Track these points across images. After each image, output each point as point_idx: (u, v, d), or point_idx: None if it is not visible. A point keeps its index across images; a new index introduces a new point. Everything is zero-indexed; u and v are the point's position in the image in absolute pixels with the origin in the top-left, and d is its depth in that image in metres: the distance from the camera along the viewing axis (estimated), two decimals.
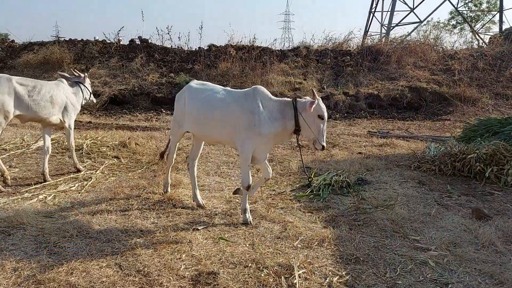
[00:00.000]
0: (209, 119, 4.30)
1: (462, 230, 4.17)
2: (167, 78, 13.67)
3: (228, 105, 4.25)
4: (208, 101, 4.34)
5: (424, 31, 20.10)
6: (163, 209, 4.52)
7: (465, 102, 13.20)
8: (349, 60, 15.24)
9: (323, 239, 3.85)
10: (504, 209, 4.95)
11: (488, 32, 28.17)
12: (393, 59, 15.21)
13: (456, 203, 5.06)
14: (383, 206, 4.79)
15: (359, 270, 3.33)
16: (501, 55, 15.76)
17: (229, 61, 14.44)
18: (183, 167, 6.15)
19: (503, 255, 3.66)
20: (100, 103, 12.05)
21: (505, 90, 14.20)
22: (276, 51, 15.80)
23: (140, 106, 12.47)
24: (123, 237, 3.82)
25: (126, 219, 4.25)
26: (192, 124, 4.48)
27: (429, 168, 6.46)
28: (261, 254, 3.53)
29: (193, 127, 4.49)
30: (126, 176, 5.72)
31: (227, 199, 4.93)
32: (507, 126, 7.35)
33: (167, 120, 10.79)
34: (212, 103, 4.31)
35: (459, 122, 11.63)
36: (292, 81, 14.14)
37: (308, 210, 4.72)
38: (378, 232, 4.10)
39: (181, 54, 15.30)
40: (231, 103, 4.25)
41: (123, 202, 4.73)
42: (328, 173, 5.99)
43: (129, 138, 7.34)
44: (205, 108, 4.33)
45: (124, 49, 15.44)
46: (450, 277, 3.24)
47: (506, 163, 5.92)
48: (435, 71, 14.94)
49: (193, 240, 3.77)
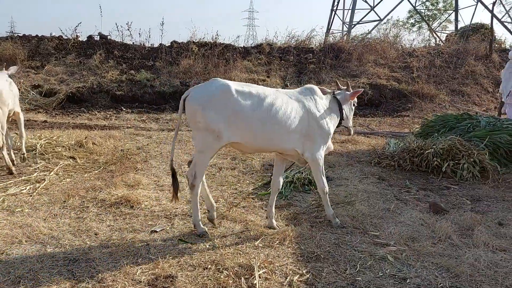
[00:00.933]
0: (270, 126, 3.72)
1: (420, 225, 4.25)
2: (127, 76, 13.31)
3: (294, 108, 3.85)
4: (268, 104, 3.72)
5: (384, 30, 20.51)
6: (120, 211, 4.36)
7: (423, 99, 13.59)
8: (311, 57, 15.36)
9: (285, 237, 3.81)
10: (460, 202, 5.09)
11: (444, 30, 29.20)
12: (354, 56, 15.47)
13: (415, 198, 5.17)
14: (344, 202, 4.82)
15: (319, 268, 3.31)
16: (457, 53, 16.33)
17: (192, 58, 14.23)
18: (142, 166, 5.98)
19: (459, 248, 3.74)
20: (57, 101, 11.59)
21: (460, 86, 14.73)
22: (240, 48, 15.71)
23: (99, 104, 12.06)
24: (76, 242, 3.65)
25: (81, 223, 4.07)
26: (242, 133, 3.69)
27: (389, 163, 6.58)
28: (221, 255, 3.45)
29: (245, 136, 3.72)
30: (81, 177, 5.49)
31: (188, 199, 4.81)
32: (463, 121, 7.60)
33: (127, 119, 10.49)
34: (275, 107, 3.73)
35: (418, 118, 11.95)
36: (256, 78, 14.10)
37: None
38: (339, 229, 4.11)
39: (141, 51, 14.95)
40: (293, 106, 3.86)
41: (78, 205, 4.53)
42: (291, 170, 5.98)
43: (86, 138, 7.06)
44: (266, 113, 3.70)
45: (82, 45, 14.93)
46: (408, 272, 3.28)
47: (461, 158, 6.10)
48: (395, 68, 15.31)
49: (151, 243, 3.64)
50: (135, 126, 9.42)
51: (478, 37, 17.25)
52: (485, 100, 14.39)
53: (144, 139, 8.03)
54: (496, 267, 3.39)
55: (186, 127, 9.65)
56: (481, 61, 16.06)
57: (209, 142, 3.65)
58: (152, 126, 9.65)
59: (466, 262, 3.45)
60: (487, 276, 3.25)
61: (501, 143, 6.66)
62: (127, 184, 5.16)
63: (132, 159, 6.36)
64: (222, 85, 3.68)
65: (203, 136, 3.65)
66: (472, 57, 16.00)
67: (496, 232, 4.14)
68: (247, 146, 3.84)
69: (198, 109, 3.58)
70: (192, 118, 3.66)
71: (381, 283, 3.10)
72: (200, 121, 3.60)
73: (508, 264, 3.44)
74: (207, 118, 3.56)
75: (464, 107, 13.29)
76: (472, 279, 3.20)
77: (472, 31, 18.88)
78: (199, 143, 3.72)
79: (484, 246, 3.78)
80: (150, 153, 6.84)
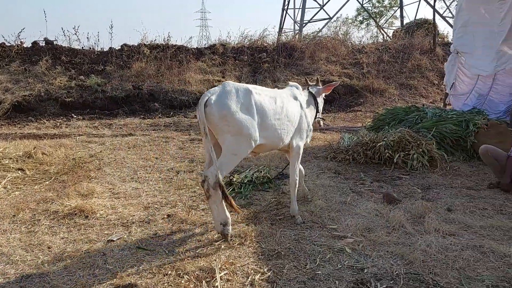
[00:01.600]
0: (285, 124, 3.99)
1: (375, 215, 4.39)
2: (77, 81, 12.87)
3: (294, 105, 4.18)
4: (280, 103, 3.95)
5: (334, 27, 21.07)
6: (74, 222, 4.21)
7: (374, 93, 14.04)
8: (265, 56, 15.49)
9: (245, 237, 3.83)
10: (411, 191, 5.31)
11: (391, 26, 30.30)
12: (307, 54, 15.73)
13: (369, 190, 5.33)
14: (302, 198, 4.90)
15: (280, 265, 3.35)
16: (403, 48, 16.98)
17: (143, 61, 13.96)
18: (96, 175, 5.81)
19: (412, 235, 3.90)
20: (2, 111, 11.02)
21: (408, 80, 15.34)
22: (193, 49, 15.57)
23: (48, 112, 11.59)
24: (28, 257, 3.49)
25: (32, 237, 3.89)
26: (266, 134, 3.84)
27: (344, 158, 6.75)
28: (181, 260, 3.41)
29: (268, 136, 3.86)
30: (32, 190, 5.26)
31: (145, 205, 4.72)
32: (411, 114, 7.94)
33: (78, 126, 10.14)
34: (283, 105, 3.97)
35: (369, 112, 12.34)
36: (211, 79, 14.05)
37: (230, 208, 4.66)
38: (298, 225, 4.17)
39: (91, 55, 14.48)
40: (294, 103, 4.19)
41: (29, 218, 4.33)
42: (250, 169, 6.01)
43: (35, 148, 6.75)
44: (280, 112, 3.92)
45: (27, 52, 14.22)
46: (365, 262, 3.38)
47: (411, 149, 6.36)
48: (346, 65, 15.71)
49: (108, 253, 3.54)
50: (87, 133, 9.12)
51: (423, 32, 18.02)
52: (431, 92, 15.07)
53: (97, 146, 7.79)
54: (447, 251, 3.56)
55: (140, 131, 9.47)
56: (426, 55, 16.79)
57: (244, 145, 3.63)
58: (105, 132, 9.38)
59: (419, 248, 3.60)
60: (438, 260, 3.40)
61: (447, 133, 7.01)
62: (81, 194, 4.98)
63: (85, 168, 6.16)
64: (245, 89, 3.71)
65: (236, 140, 3.59)
66: (418, 52, 16.71)
67: (446, 218, 4.35)
68: (266, 146, 3.99)
69: (227, 115, 3.52)
70: (220, 123, 3.55)
71: (340, 275, 3.18)
72: (230, 126, 3.54)
73: (457, 248, 3.63)
74: (238, 122, 3.55)
75: (412, 99, 13.85)
76: (425, 264, 3.34)
77: (417, 27, 19.68)
78: (233, 147, 3.61)
79: (435, 232, 3.96)
80: (104, 160, 6.65)
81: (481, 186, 5.59)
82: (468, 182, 5.78)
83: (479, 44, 9.02)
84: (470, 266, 3.32)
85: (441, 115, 7.62)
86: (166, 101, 12.84)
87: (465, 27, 9.43)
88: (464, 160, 6.80)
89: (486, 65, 8.79)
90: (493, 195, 5.19)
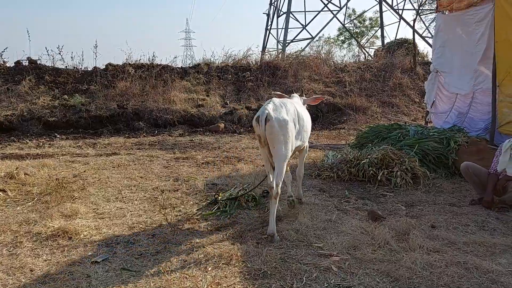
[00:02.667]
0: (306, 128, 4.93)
1: (360, 233, 4.42)
2: (60, 101, 12.78)
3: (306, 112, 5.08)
4: (301, 111, 4.78)
5: (316, 47, 21.43)
6: (57, 244, 4.14)
7: (357, 111, 14.26)
8: (249, 75, 15.65)
9: (231, 256, 3.81)
10: (396, 209, 5.37)
11: (372, 46, 30.99)
12: (290, 73, 15.95)
13: (354, 207, 5.37)
14: (288, 216, 4.92)
15: (267, 285, 3.34)
16: (385, 67, 17.36)
17: (128, 80, 13.97)
18: (80, 195, 5.73)
19: (397, 252, 3.93)
20: None
21: (390, 98, 15.64)
22: (177, 68, 15.65)
23: (31, 132, 11.45)
24: (10, 281, 3.41)
25: (14, 260, 3.81)
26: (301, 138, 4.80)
27: (328, 175, 6.81)
28: (167, 280, 3.38)
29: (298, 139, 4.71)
30: (13, 211, 5.16)
31: (130, 225, 4.67)
32: (394, 131, 8.08)
33: (61, 146, 10.02)
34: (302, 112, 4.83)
35: (353, 130, 12.50)
36: (195, 98, 14.11)
37: (215, 227, 4.66)
38: (284, 243, 4.17)
39: (75, 74, 14.42)
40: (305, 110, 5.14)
41: (10, 241, 4.23)
42: (235, 188, 6.01)
43: (17, 168, 6.64)
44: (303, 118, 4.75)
45: (9, 71, 14.09)
46: (352, 280, 3.39)
47: (394, 166, 6.46)
48: (328, 83, 15.96)
49: (92, 274, 3.48)
50: (70, 153, 9.02)
51: (403, 52, 18.48)
52: (412, 110, 15.37)
53: (81, 165, 7.70)
54: (431, 267, 3.60)
55: (125, 150, 9.41)
56: (407, 73, 17.19)
57: (289, 150, 4.37)
58: (89, 151, 9.29)
59: (404, 265, 3.63)
60: (423, 277, 3.44)
61: (429, 150, 7.14)
62: (64, 215, 4.91)
63: (68, 188, 6.07)
64: (290, 102, 4.58)
65: (286, 147, 4.28)
66: (399, 70, 17.09)
67: (430, 234, 4.40)
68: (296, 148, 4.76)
69: (284, 125, 4.22)
70: (278, 134, 4.18)
71: None
72: (285, 135, 4.23)
73: (442, 264, 3.67)
74: (290, 132, 4.31)
75: (394, 117, 14.10)
76: (410, 281, 3.37)
77: (397, 46, 20.19)
78: (284, 154, 4.28)
79: (419, 248, 4.00)
80: (88, 180, 6.57)
81: (463, 202, 5.69)
82: (450, 198, 5.88)
83: (457, 64, 9.26)
84: (454, 282, 3.36)
85: (423, 132, 7.77)
86: (150, 120, 12.82)
87: (443, 47, 9.70)
88: (446, 177, 6.91)
89: (464, 84, 9.01)
90: (475, 211, 5.28)
